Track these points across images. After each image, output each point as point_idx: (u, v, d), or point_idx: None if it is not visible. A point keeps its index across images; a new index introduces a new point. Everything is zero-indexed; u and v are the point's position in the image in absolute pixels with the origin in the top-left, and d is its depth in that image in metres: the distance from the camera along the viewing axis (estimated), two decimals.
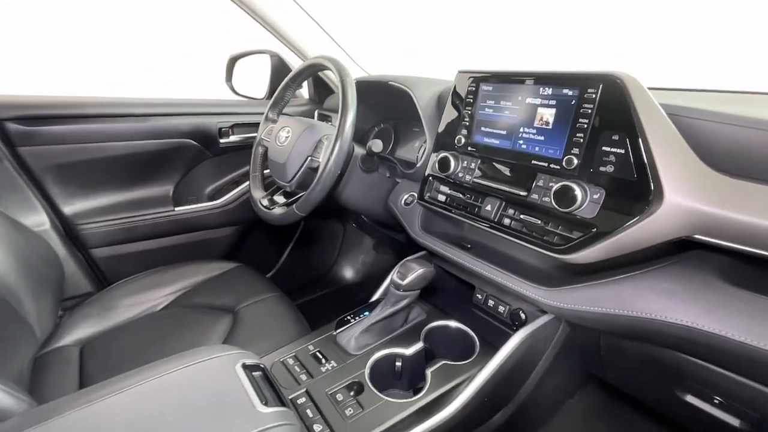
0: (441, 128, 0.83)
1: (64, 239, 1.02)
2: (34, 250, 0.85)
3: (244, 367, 0.53)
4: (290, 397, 0.60)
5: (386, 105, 1.16)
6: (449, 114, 0.82)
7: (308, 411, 0.57)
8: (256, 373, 0.53)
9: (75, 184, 1.02)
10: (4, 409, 0.45)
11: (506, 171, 0.71)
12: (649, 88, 0.56)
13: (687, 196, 0.51)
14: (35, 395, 0.61)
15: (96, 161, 1.03)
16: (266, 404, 0.47)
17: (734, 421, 0.58)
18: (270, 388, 0.52)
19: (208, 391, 0.48)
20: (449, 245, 0.83)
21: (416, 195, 0.88)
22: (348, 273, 1.64)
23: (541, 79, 0.66)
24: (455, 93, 0.81)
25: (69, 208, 1.02)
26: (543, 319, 0.69)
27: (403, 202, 0.95)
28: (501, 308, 0.78)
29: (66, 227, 1.03)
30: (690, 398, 0.61)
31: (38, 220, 0.97)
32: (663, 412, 0.72)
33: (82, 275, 1.06)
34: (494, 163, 0.73)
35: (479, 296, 0.83)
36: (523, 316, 0.74)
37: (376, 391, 0.61)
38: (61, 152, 0.97)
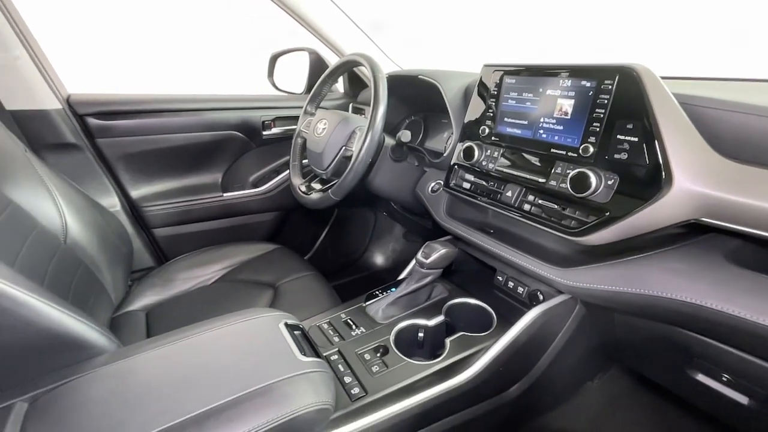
0: (467, 119, 0.88)
1: (131, 219, 1.16)
2: (109, 227, 0.99)
3: (286, 325, 0.61)
4: (324, 354, 0.69)
5: (417, 98, 1.21)
6: (475, 105, 0.87)
7: (340, 366, 0.66)
8: (296, 332, 0.62)
9: (140, 171, 1.17)
10: (101, 346, 0.56)
11: (527, 159, 0.76)
12: (663, 77, 0.58)
13: (695, 181, 0.53)
14: None
15: (158, 151, 1.17)
16: (305, 354, 0.56)
17: (742, 399, 0.60)
18: (308, 343, 0.60)
19: (256, 341, 0.57)
20: (472, 230, 0.88)
21: (442, 183, 0.94)
22: (378, 259, 1.72)
23: (561, 71, 0.69)
24: (481, 86, 0.85)
25: (135, 192, 1.17)
26: (559, 299, 0.73)
27: (429, 189, 1.01)
28: (520, 289, 0.83)
29: (133, 209, 1.17)
30: (700, 377, 0.64)
31: (112, 201, 1.11)
32: (677, 392, 0.74)
33: (146, 251, 1.20)
34: (516, 152, 0.78)
35: (500, 278, 0.88)
36: (540, 296, 0.78)
37: (399, 354, 0.68)
38: (130, 143, 1.11)
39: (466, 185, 0.87)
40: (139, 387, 0.49)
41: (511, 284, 0.85)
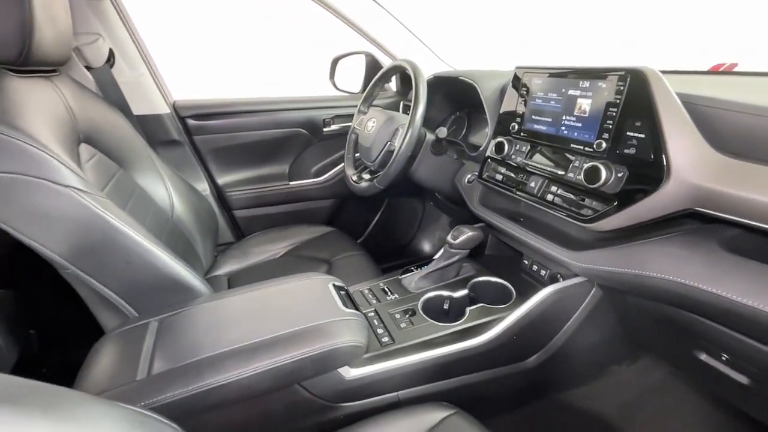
0: (500, 116, 0.97)
1: (217, 201, 1.41)
2: (202, 207, 1.24)
3: (334, 286, 0.78)
4: (363, 311, 0.84)
5: (460, 96, 1.31)
6: (507, 104, 0.96)
7: (374, 320, 0.81)
8: (342, 292, 0.78)
9: (225, 162, 1.41)
10: (201, 291, 0.77)
11: (550, 153, 0.83)
12: (673, 72, 0.64)
13: (691, 174, 0.59)
14: None
15: (239, 145, 1.40)
16: (346, 307, 0.71)
17: (743, 379, 0.64)
18: (349, 300, 0.76)
19: (310, 294, 0.74)
20: (502, 218, 0.97)
21: (477, 174, 1.03)
22: (425, 246, 1.84)
23: (581, 73, 0.76)
24: (512, 86, 0.93)
25: (221, 179, 1.42)
26: (574, 280, 0.81)
27: (466, 180, 1.11)
28: (543, 272, 0.91)
29: (219, 193, 1.42)
30: (704, 357, 0.68)
31: (203, 186, 1.37)
32: (688, 373, 0.78)
33: (228, 228, 1.45)
34: (541, 147, 0.85)
35: (526, 262, 0.96)
36: (560, 278, 0.86)
37: (425, 316, 0.81)
38: (218, 139, 1.36)
39: (498, 177, 0.96)
40: (227, 317, 0.69)
41: (535, 267, 0.94)
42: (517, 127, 0.92)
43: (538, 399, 0.98)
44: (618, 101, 0.69)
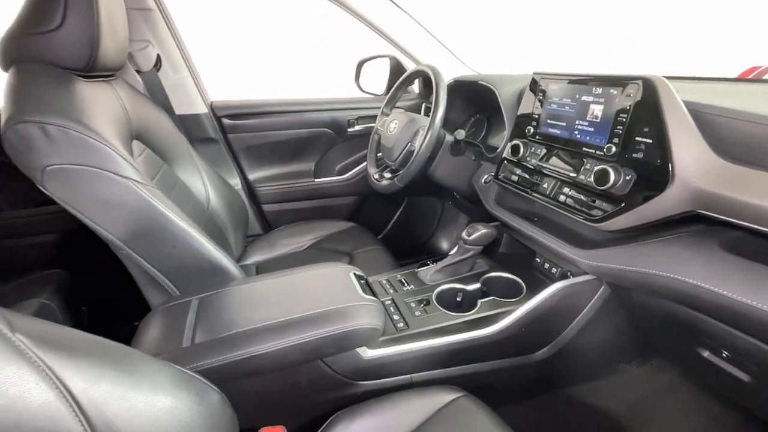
0: (516, 119, 1.01)
1: (248, 196, 1.51)
2: (234, 200, 1.33)
3: (354, 275, 0.84)
4: (380, 299, 0.90)
5: (480, 99, 1.35)
6: (524, 108, 1.00)
7: (391, 308, 0.87)
8: (362, 280, 0.84)
9: (256, 159, 1.51)
10: (235, 275, 0.85)
11: (563, 156, 0.87)
12: (676, 77, 0.67)
13: (695, 178, 0.62)
14: None
15: (269, 144, 1.49)
16: (366, 293, 0.78)
17: (743, 376, 0.66)
18: (368, 288, 0.82)
19: (333, 281, 0.81)
20: (516, 217, 1.01)
21: (493, 175, 1.08)
22: (444, 244, 1.88)
23: (595, 80, 0.80)
24: (529, 91, 0.98)
25: (252, 175, 1.51)
26: (583, 278, 0.85)
27: (483, 180, 1.15)
28: (554, 270, 0.95)
29: (249, 188, 1.52)
30: (707, 354, 0.71)
31: (235, 181, 1.47)
32: (692, 370, 0.81)
33: (256, 221, 1.55)
34: (554, 150, 0.89)
35: (538, 260, 1.00)
36: (570, 276, 0.90)
37: (438, 306, 0.87)
38: (250, 137, 1.45)
39: (513, 178, 1.00)
40: (258, 299, 0.76)
41: (546, 265, 0.97)
42: (532, 130, 0.96)
43: (546, 392, 1.01)
44: (628, 108, 0.72)
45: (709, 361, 0.71)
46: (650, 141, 0.69)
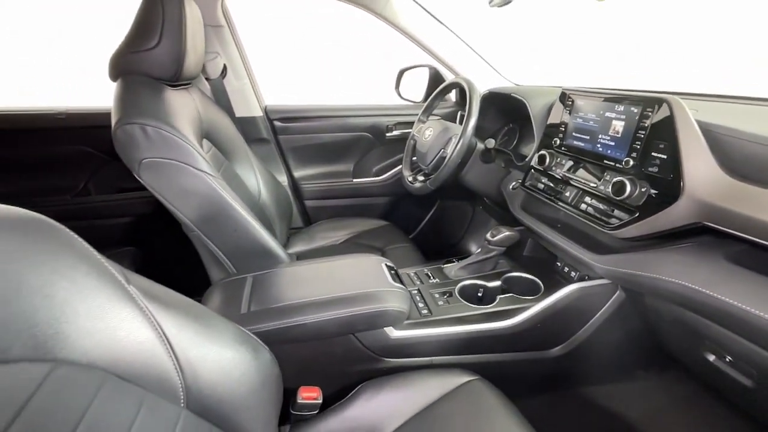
0: (545, 131, 1.08)
1: (293, 192, 1.66)
2: (281, 195, 1.48)
3: (386, 265, 0.95)
4: (408, 289, 1.01)
5: (513, 110, 1.41)
6: (552, 120, 1.06)
7: (416, 297, 0.97)
8: (392, 271, 0.95)
9: (301, 158, 1.66)
10: (284, 259, 0.98)
11: (585, 167, 0.93)
12: (697, 95, 0.72)
13: (703, 193, 0.67)
14: None
15: (313, 145, 1.64)
16: (395, 282, 0.88)
17: (745, 380, 0.70)
18: (397, 277, 0.93)
19: (366, 269, 0.92)
20: (540, 223, 1.08)
21: (520, 182, 1.15)
22: (472, 247, 1.95)
23: (618, 98, 0.86)
24: (558, 105, 1.04)
25: (297, 173, 1.66)
26: (598, 281, 0.90)
27: (511, 187, 1.22)
28: (573, 273, 1.01)
29: (294, 184, 1.67)
30: (713, 359, 0.75)
31: (283, 178, 1.62)
32: (699, 374, 0.84)
33: (299, 215, 1.70)
34: (578, 161, 0.96)
35: (558, 264, 1.06)
36: (587, 279, 0.95)
37: (460, 298, 0.96)
38: (297, 139, 1.61)
39: (539, 186, 1.07)
40: (302, 279, 0.89)
41: (566, 269, 1.03)
42: (558, 141, 1.02)
43: (561, 389, 1.07)
44: (646, 125, 0.78)
45: (714, 365, 0.75)
46: (665, 157, 0.74)
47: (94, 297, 0.43)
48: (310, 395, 0.74)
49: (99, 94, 1.35)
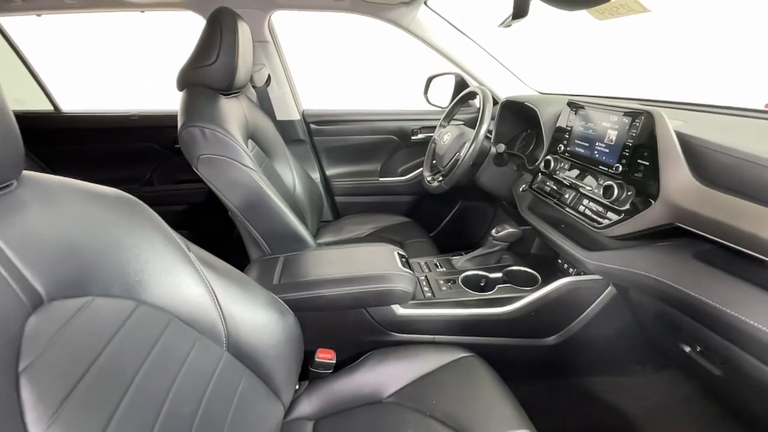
0: (552, 137, 1.17)
1: (324, 188, 1.83)
2: (314, 191, 1.65)
3: (398, 253, 1.08)
4: (416, 275, 1.13)
5: (528, 117, 1.50)
6: (559, 127, 1.15)
7: (423, 281, 1.09)
8: (403, 258, 1.08)
9: (333, 158, 1.83)
10: (312, 244, 1.15)
11: (584, 172, 1.02)
12: (672, 103, 0.80)
13: (676, 197, 0.75)
14: None
15: (344, 146, 1.80)
16: (404, 267, 1.01)
17: (715, 370, 0.77)
18: (407, 264, 1.06)
19: (380, 255, 1.06)
20: (544, 222, 1.17)
21: (529, 184, 1.24)
22: None
23: (612, 109, 0.94)
24: (564, 113, 1.13)
25: (329, 171, 1.84)
26: (591, 277, 0.99)
27: (521, 189, 1.31)
28: (571, 270, 1.09)
29: (326, 181, 1.84)
30: (688, 350, 0.82)
31: (316, 175, 1.80)
32: (679, 364, 0.90)
33: (329, 210, 1.87)
34: (578, 166, 1.04)
35: (560, 261, 1.15)
36: (582, 275, 1.04)
37: (462, 285, 1.07)
38: (330, 140, 1.78)
39: (546, 188, 1.16)
40: (326, 261, 1.04)
41: (566, 266, 1.12)
42: (563, 147, 1.11)
43: (557, 378, 1.15)
44: (634, 134, 0.86)
45: (689, 356, 0.82)
46: (647, 164, 0.82)
47: (166, 258, 0.59)
48: (325, 356, 0.89)
49: (163, 99, 1.59)
